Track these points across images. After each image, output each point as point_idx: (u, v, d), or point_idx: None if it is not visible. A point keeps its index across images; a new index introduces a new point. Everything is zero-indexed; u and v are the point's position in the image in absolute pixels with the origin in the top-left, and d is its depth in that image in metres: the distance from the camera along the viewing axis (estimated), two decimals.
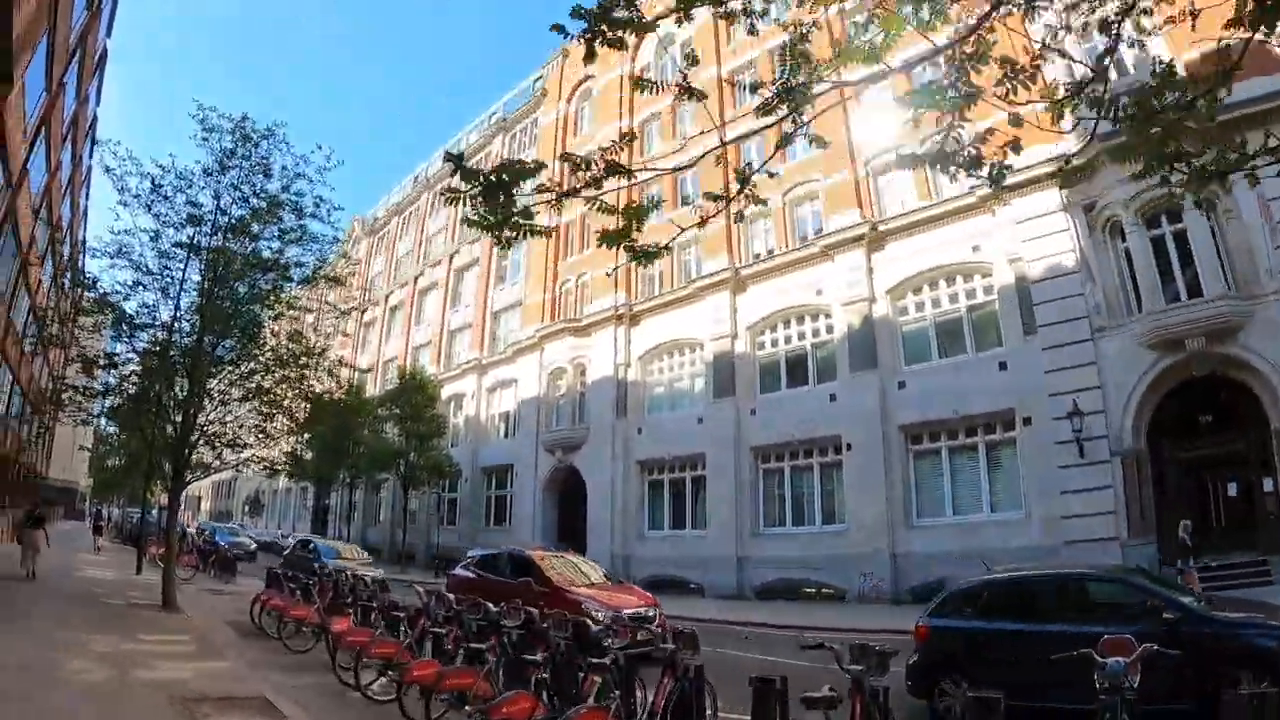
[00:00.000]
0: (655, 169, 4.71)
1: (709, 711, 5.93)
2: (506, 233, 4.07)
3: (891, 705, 5.03)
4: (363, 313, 38.97)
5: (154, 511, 28.93)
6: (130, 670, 7.92)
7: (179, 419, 13.96)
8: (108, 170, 13.38)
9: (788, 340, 22.69)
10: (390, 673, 7.34)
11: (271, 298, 14.74)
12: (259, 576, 22.38)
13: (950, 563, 16.36)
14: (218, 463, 15.78)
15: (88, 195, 34.13)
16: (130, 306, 14.06)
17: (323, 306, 16.33)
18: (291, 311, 15.70)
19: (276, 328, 15.81)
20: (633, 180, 4.16)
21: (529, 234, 4.09)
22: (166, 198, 13.49)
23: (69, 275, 18.12)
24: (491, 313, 36.03)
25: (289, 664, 9.45)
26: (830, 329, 21.51)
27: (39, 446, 41.33)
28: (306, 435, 16.52)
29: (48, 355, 29.24)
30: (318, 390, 15.84)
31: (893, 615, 15.34)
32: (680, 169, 5.43)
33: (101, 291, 14.17)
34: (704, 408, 23.68)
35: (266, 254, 14.39)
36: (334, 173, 14.82)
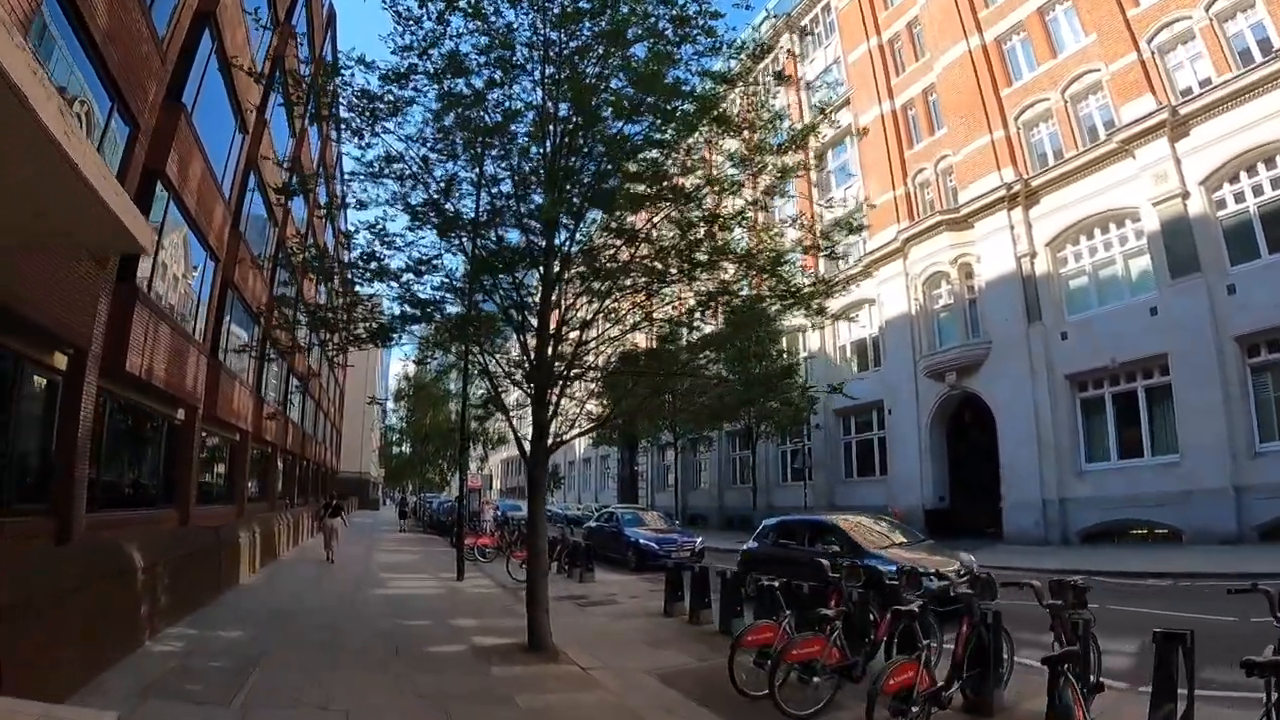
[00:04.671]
0: None
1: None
2: None
3: None
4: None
5: (469, 496, 22.01)
6: None
7: (532, 340, 9.03)
8: None
9: (1258, 191, 16.45)
10: None
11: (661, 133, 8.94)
12: (608, 565, 17.63)
13: None
14: (588, 412, 10.21)
15: (343, 181, 28.43)
16: (422, 195, 8.70)
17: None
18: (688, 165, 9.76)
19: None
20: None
21: None
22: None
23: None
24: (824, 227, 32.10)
25: None
26: None
27: (329, 441, 39.86)
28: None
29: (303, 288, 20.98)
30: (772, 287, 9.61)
31: None
32: None
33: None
34: (1157, 294, 18.33)
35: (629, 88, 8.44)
36: None
